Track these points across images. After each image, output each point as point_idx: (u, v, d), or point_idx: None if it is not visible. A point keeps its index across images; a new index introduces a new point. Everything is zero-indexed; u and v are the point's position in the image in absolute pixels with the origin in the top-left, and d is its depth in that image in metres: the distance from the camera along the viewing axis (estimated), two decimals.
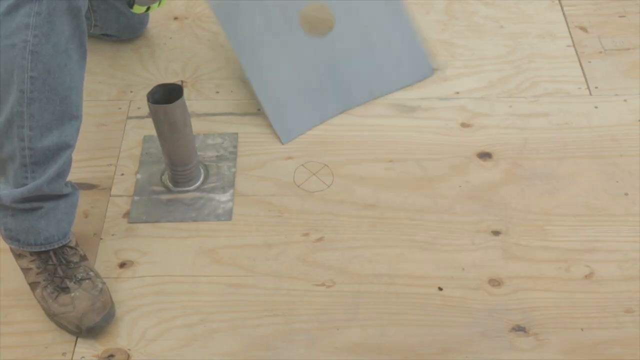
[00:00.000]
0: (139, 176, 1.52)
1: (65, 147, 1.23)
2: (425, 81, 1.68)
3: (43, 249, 1.27)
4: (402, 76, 1.66)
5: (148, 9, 1.48)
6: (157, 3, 1.48)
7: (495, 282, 1.34)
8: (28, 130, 1.17)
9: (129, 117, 1.63)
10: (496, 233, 1.40)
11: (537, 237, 1.40)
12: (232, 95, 1.67)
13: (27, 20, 1.12)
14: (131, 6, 1.46)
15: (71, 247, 1.31)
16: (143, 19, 1.76)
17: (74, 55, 1.19)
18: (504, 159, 1.52)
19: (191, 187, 1.49)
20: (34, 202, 1.24)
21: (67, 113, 1.21)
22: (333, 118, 1.61)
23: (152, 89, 1.35)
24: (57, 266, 1.28)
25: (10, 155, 1.20)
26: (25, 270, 1.30)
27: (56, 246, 1.28)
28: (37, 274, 1.28)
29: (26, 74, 1.14)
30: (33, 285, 1.30)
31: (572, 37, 1.77)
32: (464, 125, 1.59)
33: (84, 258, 1.32)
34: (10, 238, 1.27)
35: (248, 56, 1.58)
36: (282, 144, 1.55)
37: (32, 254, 1.29)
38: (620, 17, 1.82)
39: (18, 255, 1.30)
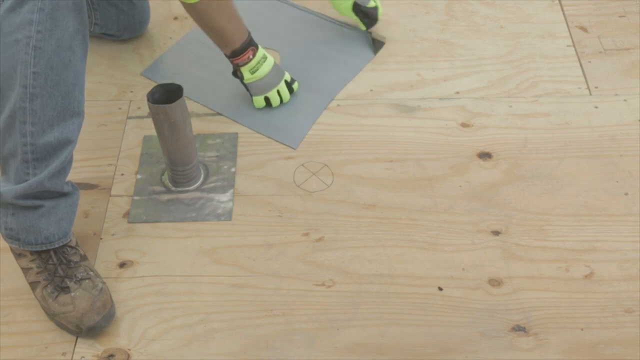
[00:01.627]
0: (139, 176, 1.52)
1: (67, 143, 1.23)
2: (425, 81, 1.68)
3: (43, 248, 1.27)
4: (359, 62, 1.73)
5: (268, 102, 1.60)
6: (277, 95, 1.60)
7: (495, 282, 1.34)
8: (30, 126, 1.18)
9: (129, 117, 1.63)
10: (496, 233, 1.40)
11: (537, 237, 1.40)
12: None
13: (30, 17, 1.13)
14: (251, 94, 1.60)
15: (71, 247, 1.31)
16: (144, 18, 1.76)
17: (79, 51, 1.19)
18: (504, 159, 1.52)
19: (191, 187, 1.49)
20: (34, 199, 1.24)
21: (69, 109, 1.21)
22: (333, 118, 1.61)
23: (152, 89, 1.35)
24: (57, 266, 1.28)
25: (12, 151, 1.20)
26: (26, 270, 1.30)
27: (57, 245, 1.28)
28: (37, 273, 1.28)
29: (29, 69, 1.14)
30: (33, 285, 1.30)
31: (572, 37, 1.77)
32: (464, 125, 1.59)
33: (84, 258, 1.32)
34: (11, 237, 1.27)
35: (223, 107, 1.65)
36: (295, 149, 1.55)
37: (32, 253, 1.29)
38: (620, 17, 1.82)
39: (18, 255, 1.30)
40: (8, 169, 1.23)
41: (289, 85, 1.61)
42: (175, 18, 1.85)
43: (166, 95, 1.36)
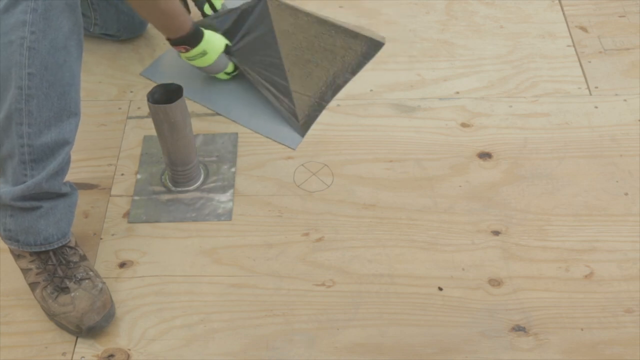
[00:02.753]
0: (139, 176, 1.52)
1: (64, 143, 1.23)
2: (425, 81, 1.68)
3: (42, 249, 1.27)
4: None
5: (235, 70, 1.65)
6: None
7: (495, 282, 1.34)
8: (27, 127, 1.17)
9: (129, 117, 1.63)
10: (496, 233, 1.40)
11: (537, 237, 1.40)
12: None
13: (24, 17, 1.12)
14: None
15: (71, 247, 1.31)
16: (144, 19, 1.75)
17: (74, 51, 1.19)
18: (504, 159, 1.52)
19: (191, 187, 1.49)
20: (33, 200, 1.24)
21: (66, 110, 1.20)
22: (333, 118, 1.61)
23: (152, 89, 1.35)
24: (56, 266, 1.28)
25: (9, 153, 1.20)
26: (25, 271, 1.30)
27: (55, 246, 1.28)
28: (37, 274, 1.28)
29: (24, 70, 1.14)
30: (33, 286, 1.29)
31: (572, 37, 1.77)
32: (464, 125, 1.59)
33: (83, 258, 1.32)
34: (10, 238, 1.27)
35: (222, 107, 1.65)
36: (294, 149, 1.55)
37: (31, 254, 1.28)
38: (620, 17, 1.82)
39: (17, 256, 1.30)
40: (6, 170, 1.23)
41: (228, 73, 1.65)
42: None
43: (166, 95, 1.36)
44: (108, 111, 1.64)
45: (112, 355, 1.26)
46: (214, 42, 1.55)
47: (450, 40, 1.77)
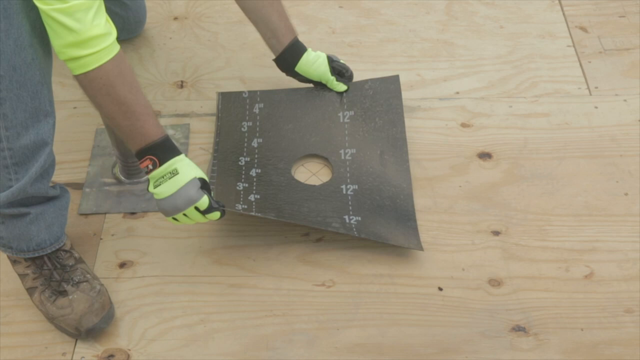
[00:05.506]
0: (89, 169, 1.51)
1: (43, 144, 1.19)
2: (425, 81, 1.68)
3: (36, 255, 1.27)
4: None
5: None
6: (184, 216, 1.26)
7: (495, 282, 1.34)
8: (4, 131, 1.14)
9: None
10: (496, 233, 1.40)
11: (537, 237, 1.40)
12: None
13: None
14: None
15: (65, 251, 1.30)
16: (139, 18, 1.74)
17: (40, 49, 1.15)
18: (504, 159, 1.52)
19: (142, 179, 1.49)
20: (20, 207, 1.22)
21: (41, 109, 1.17)
22: None
23: None
24: (52, 270, 1.27)
25: None
26: (22, 276, 1.29)
27: (49, 251, 1.27)
28: (34, 279, 1.28)
29: None
30: (31, 291, 1.29)
31: (572, 37, 1.77)
32: (464, 125, 1.59)
33: (79, 260, 1.31)
34: (4, 245, 1.26)
35: None
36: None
37: (26, 260, 1.28)
38: (620, 17, 1.82)
39: (14, 262, 1.30)
40: None
41: (204, 210, 1.25)
42: (175, 18, 1.85)
43: None
44: None
45: (112, 356, 1.26)
46: (189, 164, 1.24)
47: (450, 40, 1.77)
